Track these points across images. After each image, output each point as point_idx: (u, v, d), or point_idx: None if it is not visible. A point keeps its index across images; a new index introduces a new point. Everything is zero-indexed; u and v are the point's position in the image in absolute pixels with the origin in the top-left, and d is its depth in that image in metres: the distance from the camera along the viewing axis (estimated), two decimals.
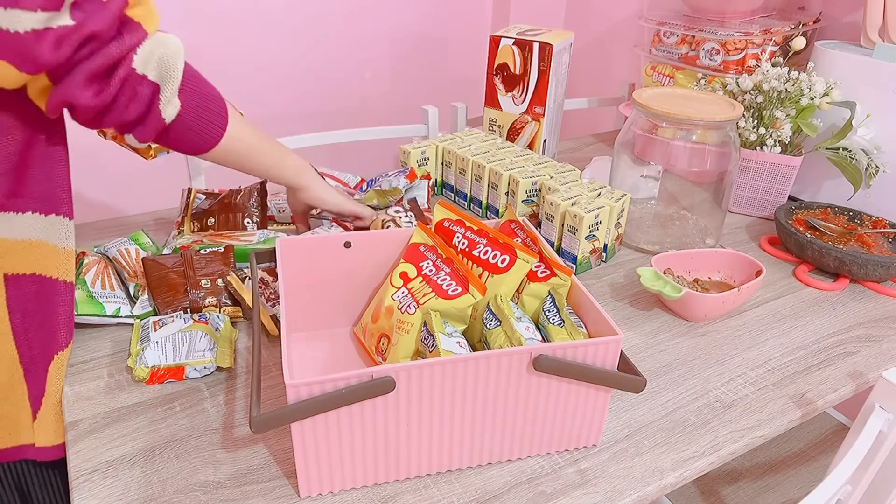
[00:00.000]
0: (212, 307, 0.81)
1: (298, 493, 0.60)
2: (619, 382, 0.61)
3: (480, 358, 0.57)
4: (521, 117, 1.25)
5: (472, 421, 0.60)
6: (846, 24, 1.33)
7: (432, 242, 0.74)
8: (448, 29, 2.01)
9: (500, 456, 0.64)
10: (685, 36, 1.37)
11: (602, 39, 1.96)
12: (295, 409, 0.53)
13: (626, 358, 0.62)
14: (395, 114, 2.01)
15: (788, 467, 1.07)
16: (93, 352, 0.77)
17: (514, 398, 0.60)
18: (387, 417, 0.57)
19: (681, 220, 1.12)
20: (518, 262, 0.69)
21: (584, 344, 0.59)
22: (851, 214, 1.08)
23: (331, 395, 0.53)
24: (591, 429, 0.65)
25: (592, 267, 0.99)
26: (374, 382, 0.54)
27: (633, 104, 1.02)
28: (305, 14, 1.76)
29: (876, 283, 0.97)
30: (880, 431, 0.69)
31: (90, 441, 0.65)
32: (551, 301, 0.68)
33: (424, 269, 0.71)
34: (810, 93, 1.09)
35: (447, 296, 0.67)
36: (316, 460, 0.57)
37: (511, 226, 0.77)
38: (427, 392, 0.57)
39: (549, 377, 0.60)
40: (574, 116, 2.02)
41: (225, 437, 0.66)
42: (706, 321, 0.88)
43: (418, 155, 1.17)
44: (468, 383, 0.58)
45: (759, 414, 0.72)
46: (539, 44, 1.18)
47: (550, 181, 1.02)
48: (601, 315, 0.63)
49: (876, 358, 0.82)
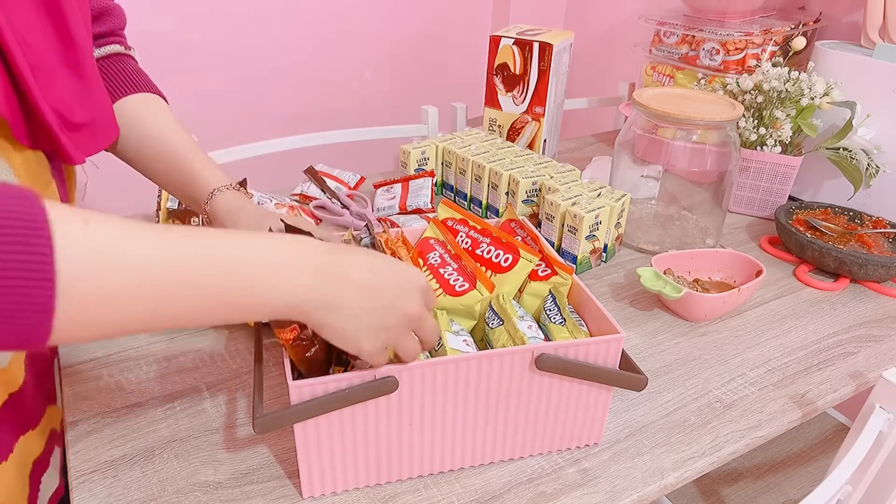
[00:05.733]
0: None
1: (301, 493, 0.59)
2: (620, 381, 0.62)
3: (483, 357, 0.57)
4: (521, 117, 1.25)
5: (474, 420, 0.60)
6: (846, 24, 1.33)
7: (443, 238, 0.74)
8: (448, 29, 2.01)
9: (503, 455, 0.64)
10: (685, 36, 1.37)
11: (602, 39, 1.96)
12: (298, 409, 0.53)
13: (627, 356, 0.62)
14: (395, 114, 2.01)
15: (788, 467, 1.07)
16: (93, 352, 0.77)
17: (516, 397, 0.60)
18: (389, 418, 0.57)
19: (681, 220, 1.12)
20: (521, 261, 0.69)
21: (586, 342, 0.59)
22: (851, 214, 1.08)
23: (334, 396, 0.53)
24: (594, 427, 0.65)
25: (592, 267, 0.99)
26: (376, 382, 0.54)
27: (633, 104, 1.02)
28: (305, 14, 1.76)
29: (876, 283, 0.97)
30: (880, 431, 0.69)
31: (90, 441, 0.65)
32: (552, 300, 0.68)
33: (430, 259, 0.71)
34: (810, 93, 1.09)
35: (454, 292, 0.67)
36: (318, 461, 0.57)
37: (511, 225, 0.77)
38: (430, 392, 0.57)
39: (552, 376, 0.60)
40: (574, 116, 2.02)
41: (225, 437, 0.66)
42: (706, 321, 0.88)
43: (418, 155, 1.17)
44: (471, 383, 0.58)
45: (759, 414, 0.72)
46: (539, 44, 1.18)
47: (550, 181, 1.02)
48: (602, 313, 0.63)
49: (876, 358, 0.82)
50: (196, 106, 1.71)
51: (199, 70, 1.68)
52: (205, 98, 1.71)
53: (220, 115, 1.74)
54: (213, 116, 1.73)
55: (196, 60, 1.66)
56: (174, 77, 1.65)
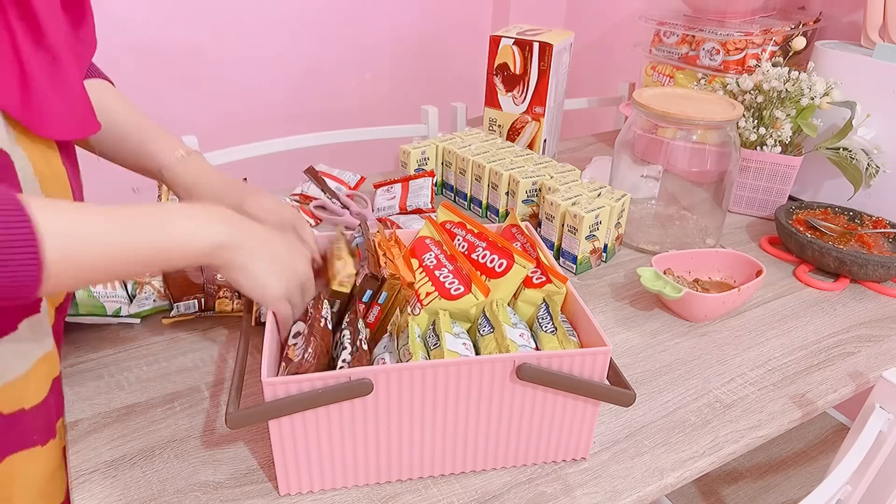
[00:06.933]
0: (226, 299, 0.81)
1: (278, 491, 0.60)
2: (606, 395, 0.60)
3: (462, 364, 0.56)
4: (521, 117, 1.25)
5: (454, 427, 0.60)
6: (846, 24, 1.33)
7: (439, 237, 0.74)
8: (448, 29, 2.01)
9: (485, 464, 0.63)
10: (685, 36, 1.37)
11: (602, 39, 1.96)
12: (271, 407, 0.53)
13: (616, 370, 0.61)
14: (395, 114, 2.01)
15: (788, 467, 1.07)
16: (93, 352, 0.77)
17: (497, 406, 0.59)
18: (366, 419, 0.57)
19: (681, 220, 1.12)
20: (515, 266, 0.69)
21: (571, 354, 0.58)
22: (851, 214, 1.08)
23: (307, 395, 0.53)
24: (580, 442, 0.64)
25: (592, 267, 0.99)
26: (351, 384, 0.54)
27: (633, 104, 1.02)
28: (305, 14, 1.76)
29: (876, 283, 0.97)
30: (880, 431, 0.69)
31: (90, 441, 0.65)
32: (545, 308, 0.68)
33: (426, 260, 0.71)
34: (810, 93, 1.09)
35: (449, 295, 0.67)
36: (294, 459, 0.57)
37: (512, 230, 0.77)
38: (407, 396, 0.56)
39: (535, 387, 0.59)
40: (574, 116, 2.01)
41: (225, 437, 0.66)
42: (706, 321, 0.88)
43: (418, 155, 1.17)
44: (449, 389, 0.57)
45: (759, 414, 0.72)
46: (539, 44, 1.18)
47: (550, 181, 1.02)
48: (592, 325, 0.62)
49: (876, 358, 0.82)
50: (197, 106, 1.71)
51: (199, 70, 1.68)
52: (205, 98, 1.71)
53: (221, 115, 1.74)
54: (214, 116, 1.73)
55: (197, 61, 1.66)
56: (175, 77, 1.65)
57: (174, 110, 1.67)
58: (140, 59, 1.59)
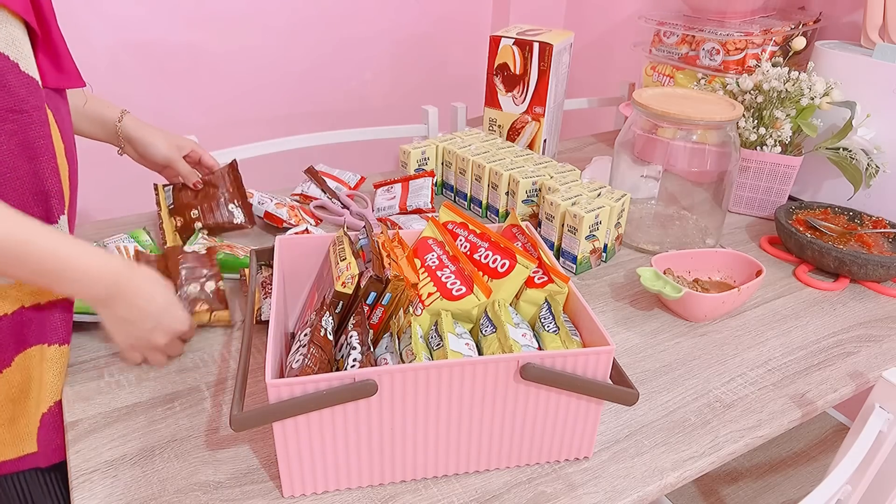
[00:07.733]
0: (202, 312, 0.79)
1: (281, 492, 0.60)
2: (609, 394, 0.60)
3: (466, 364, 0.56)
4: (521, 117, 1.25)
5: (457, 427, 0.60)
6: (846, 24, 1.33)
7: (441, 238, 0.74)
8: (448, 29, 2.01)
9: (489, 464, 0.63)
10: (685, 36, 1.37)
11: (602, 39, 1.96)
12: (275, 408, 0.53)
13: (619, 369, 0.61)
14: (395, 114, 2.01)
15: (788, 467, 1.07)
16: (93, 352, 0.77)
17: (501, 406, 0.59)
18: (370, 420, 0.57)
19: (681, 220, 1.12)
20: (518, 267, 0.69)
21: (574, 353, 0.58)
22: (851, 214, 1.08)
23: (312, 397, 0.53)
24: (583, 440, 0.64)
25: (592, 267, 0.99)
26: (356, 385, 0.54)
27: (633, 104, 1.02)
28: (305, 14, 1.76)
29: (876, 283, 0.97)
30: (880, 431, 0.69)
31: (90, 441, 0.65)
32: (547, 308, 0.68)
33: (428, 261, 0.71)
34: (810, 93, 1.09)
35: (451, 296, 0.66)
36: (298, 461, 0.57)
37: (513, 230, 0.77)
38: (411, 396, 0.56)
39: (538, 386, 0.59)
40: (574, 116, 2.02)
41: (226, 437, 0.66)
42: (706, 321, 0.88)
43: (418, 155, 1.17)
44: (454, 389, 0.57)
45: (759, 414, 0.72)
46: (539, 44, 1.18)
47: (550, 181, 1.02)
48: (595, 324, 0.62)
49: (876, 358, 0.82)
50: (197, 106, 1.71)
51: (200, 71, 1.68)
52: (206, 98, 1.71)
53: (221, 115, 1.74)
54: (214, 116, 1.73)
55: (197, 61, 1.66)
56: (176, 77, 1.65)
57: (174, 110, 1.67)
58: (140, 59, 1.59)
